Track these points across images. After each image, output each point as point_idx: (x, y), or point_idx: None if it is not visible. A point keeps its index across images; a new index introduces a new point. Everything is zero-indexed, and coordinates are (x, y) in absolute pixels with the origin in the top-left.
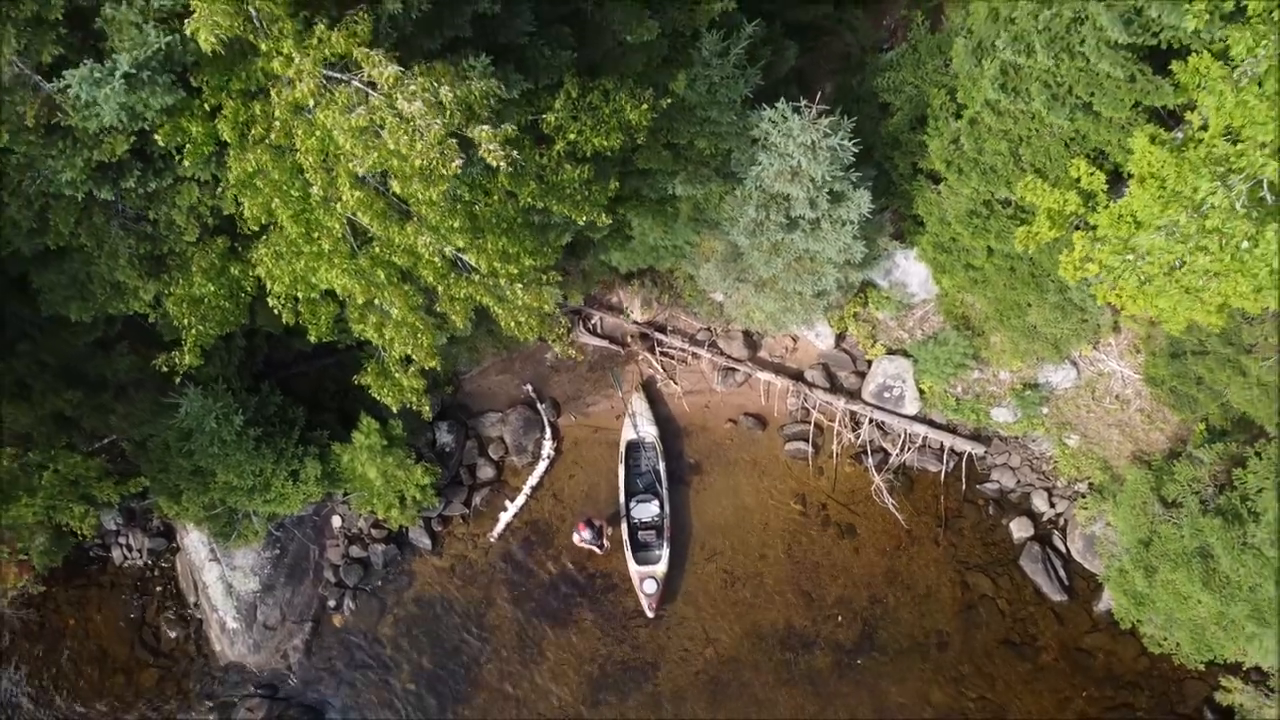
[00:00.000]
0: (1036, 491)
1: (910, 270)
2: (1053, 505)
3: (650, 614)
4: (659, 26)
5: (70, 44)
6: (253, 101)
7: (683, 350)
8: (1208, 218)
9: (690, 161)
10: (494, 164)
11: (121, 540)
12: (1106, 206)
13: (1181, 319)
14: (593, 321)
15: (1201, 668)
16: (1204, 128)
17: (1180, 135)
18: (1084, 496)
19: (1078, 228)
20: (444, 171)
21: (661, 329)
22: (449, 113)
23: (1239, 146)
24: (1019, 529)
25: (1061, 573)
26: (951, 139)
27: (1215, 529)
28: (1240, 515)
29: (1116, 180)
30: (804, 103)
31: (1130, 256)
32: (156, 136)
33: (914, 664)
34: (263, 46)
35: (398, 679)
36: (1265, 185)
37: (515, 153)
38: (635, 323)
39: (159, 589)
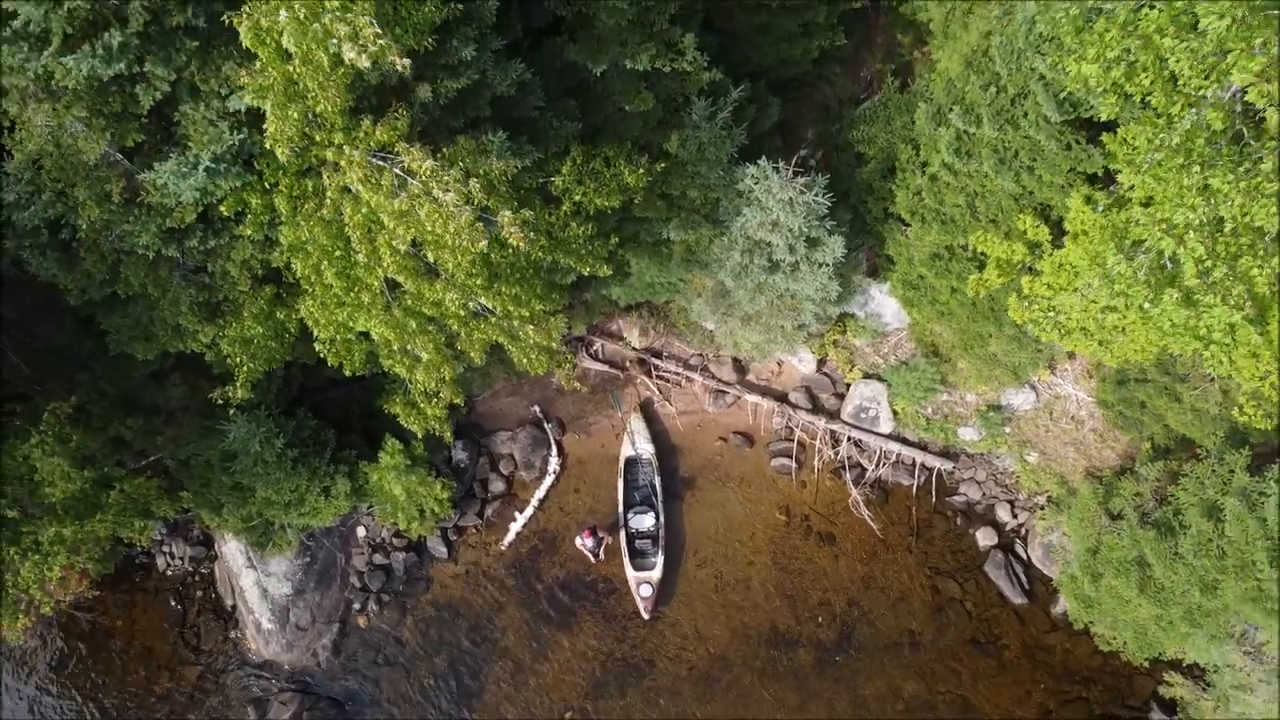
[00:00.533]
0: (1000, 503)
1: (884, 303)
2: (1015, 516)
3: (646, 615)
4: (654, 96)
5: (150, 130)
6: (305, 179)
7: (677, 374)
8: (1115, 283)
9: (683, 210)
10: (515, 244)
11: (165, 548)
12: (1050, 255)
13: (1115, 356)
14: (594, 348)
15: (1147, 664)
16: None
17: (1115, 191)
18: (1042, 508)
19: (1030, 269)
20: (471, 249)
21: (658, 355)
22: (476, 201)
23: (1142, 223)
24: (984, 538)
25: (1022, 578)
26: (915, 191)
27: (1149, 540)
28: (1172, 528)
29: (1062, 232)
30: (781, 163)
31: (1051, 313)
32: (221, 207)
33: (888, 661)
34: (317, 137)
35: (417, 675)
36: (1166, 257)
37: (533, 233)
38: (634, 349)
39: (199, 593)
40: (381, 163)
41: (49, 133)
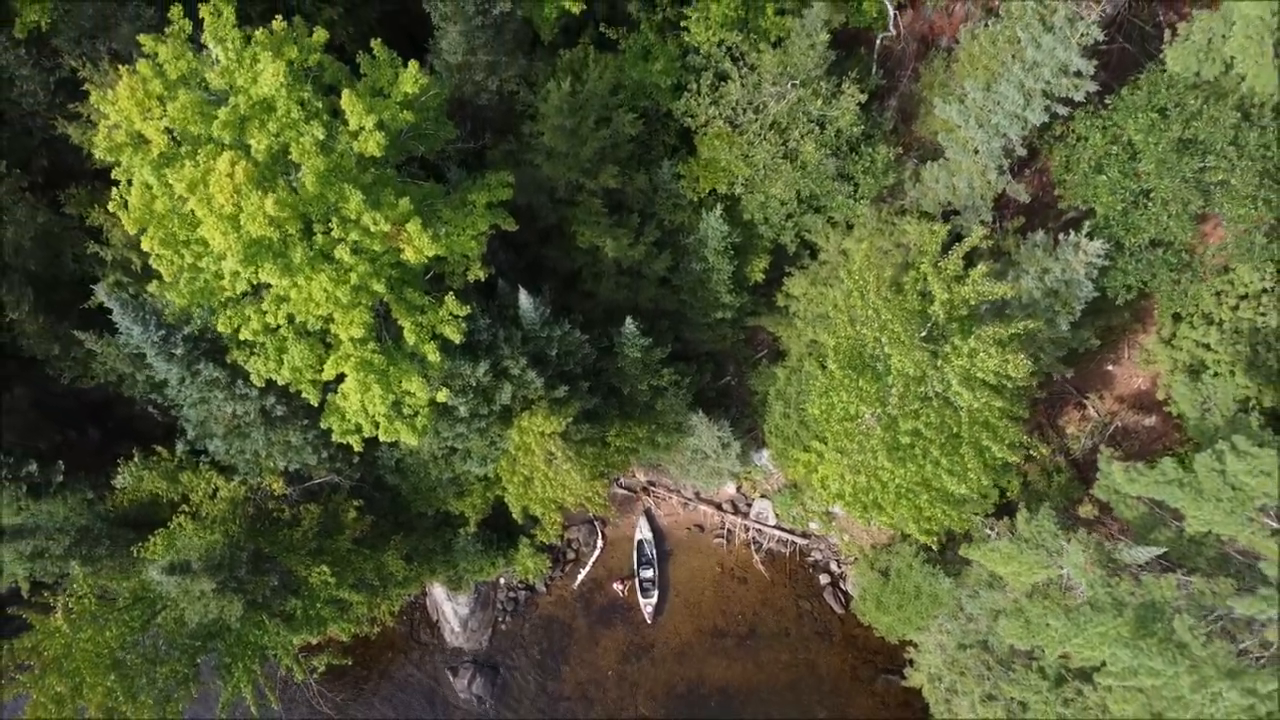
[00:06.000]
0: (832, 560)
1: (769, 460)
2: (839, 567)
3: (649, 622)
4: (650, 389)
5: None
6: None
7: (665, 494)
8: (817, 495)
9: (663, 428)
10: (599, 493)
11: None
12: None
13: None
14: (618, 480)
15: (899, 641)
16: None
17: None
18: (852, 564)
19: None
20: (588, 492)
21: (653, 483)
22: (587, 473)
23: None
24: (823, 579)
25: (843, 599)
26: (774, 421)
27: (878, 584)
28: (890, 576)
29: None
30: (707, 418)
31: (823, 489)
32: (488, 475)
33: (773, 643)
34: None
35: (532, 653)
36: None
37: (603, 469)
38: (640, 481)
39: (418, 612)
40: (551, 456)
41: (426, 453)
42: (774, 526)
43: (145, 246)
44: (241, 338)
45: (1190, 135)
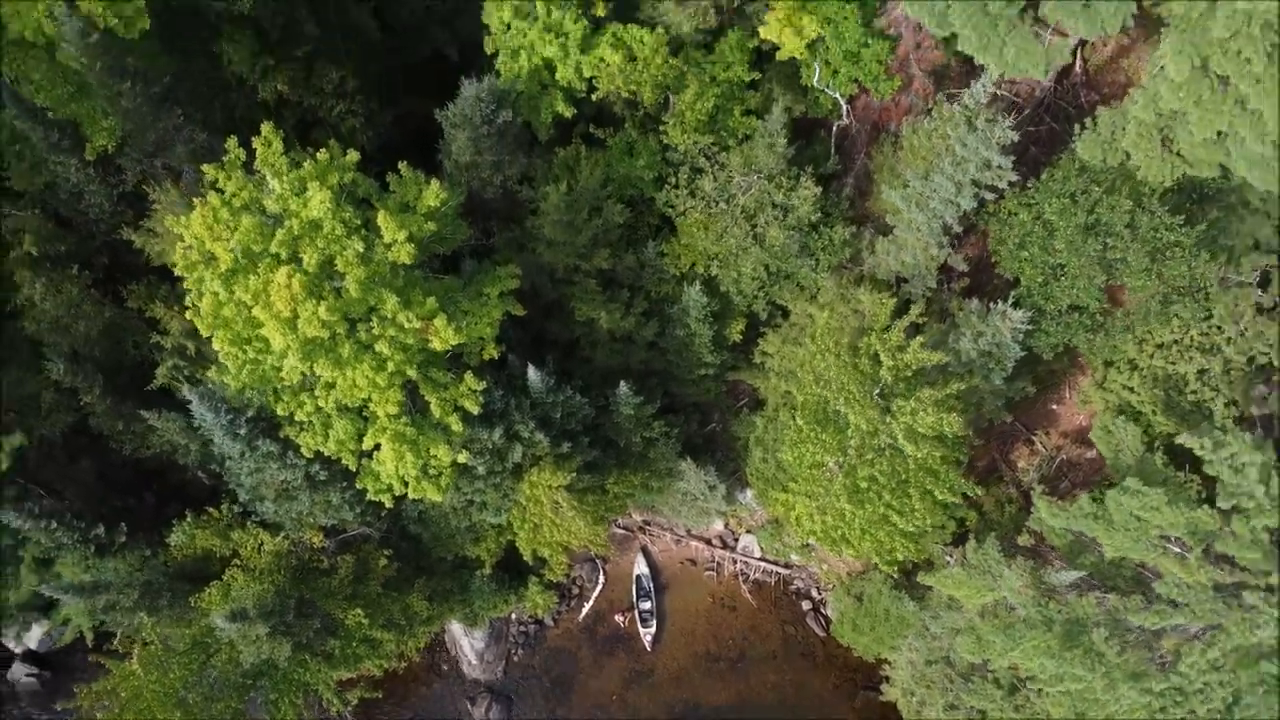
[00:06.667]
0: (812, 588)
1: (752, 499)
2: (819, 594)
3: (649, 650)
4: (644, 440)
5: (469, 498)
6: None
7: (660, 532)
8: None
9: (656, 475)
10: (601, 536)
11: None
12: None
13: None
14: (617, 521)
15: (874, 659)
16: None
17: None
18: (830, 590)
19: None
20: (591, 536)
21: (649, 523)
22: (589, 519)
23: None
24: (805, 605)
25: (824, 623)
26: (754, 464)
27: (852, 607)
28: (863, 601)
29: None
30: (695, 464)
31: (798, 525)
32: (499, 524)
33: (761, 665)
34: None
35: (542, 681)
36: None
37: (603, 512)
38: (636, 520)
39: (438, 648)
40: (557, 505)
41: (447, 505)
42: (759, 559)
43: (216, 346)
44: (296, 419)
45: (1094, 220)
